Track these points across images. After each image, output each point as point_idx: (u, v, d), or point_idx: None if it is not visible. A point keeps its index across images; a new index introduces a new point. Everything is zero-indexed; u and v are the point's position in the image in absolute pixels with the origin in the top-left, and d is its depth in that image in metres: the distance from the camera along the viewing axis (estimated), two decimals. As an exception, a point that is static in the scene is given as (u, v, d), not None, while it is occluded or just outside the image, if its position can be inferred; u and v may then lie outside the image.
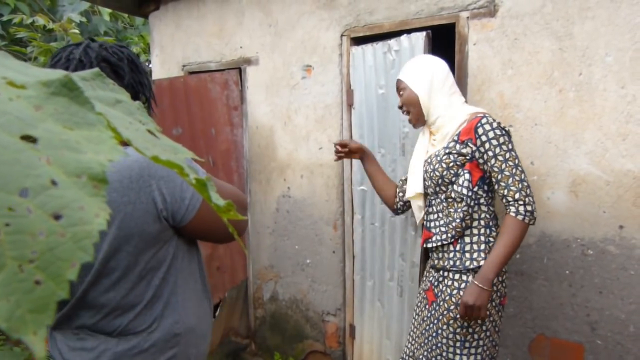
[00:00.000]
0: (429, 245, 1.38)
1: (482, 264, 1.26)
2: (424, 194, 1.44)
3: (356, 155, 1.60)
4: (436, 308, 1.34)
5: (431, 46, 1.73)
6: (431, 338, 1.35)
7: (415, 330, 1.44)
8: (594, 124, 1.47)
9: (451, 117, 1.32)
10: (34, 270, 0.21)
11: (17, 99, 0.26)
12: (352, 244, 2.10)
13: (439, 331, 1.32)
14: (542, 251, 1.60)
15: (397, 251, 1.93)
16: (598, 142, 1.47)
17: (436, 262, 1.38)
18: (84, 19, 4.17)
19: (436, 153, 1.35)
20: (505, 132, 1.25)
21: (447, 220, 1.32)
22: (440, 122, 1.34)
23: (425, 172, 1.39)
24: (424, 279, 1.46)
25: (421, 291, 1.45)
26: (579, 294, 1.54)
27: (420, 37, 1.72)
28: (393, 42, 1.81)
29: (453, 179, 1.30)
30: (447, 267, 1.33)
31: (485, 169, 1.27)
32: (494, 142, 1.23)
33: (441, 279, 1.35)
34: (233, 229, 0.33)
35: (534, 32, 1.54)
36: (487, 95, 1.65)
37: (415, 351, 1.42)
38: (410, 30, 1.78)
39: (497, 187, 1.25)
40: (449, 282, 1.32)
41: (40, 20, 3.84)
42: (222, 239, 0.86)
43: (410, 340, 1.46)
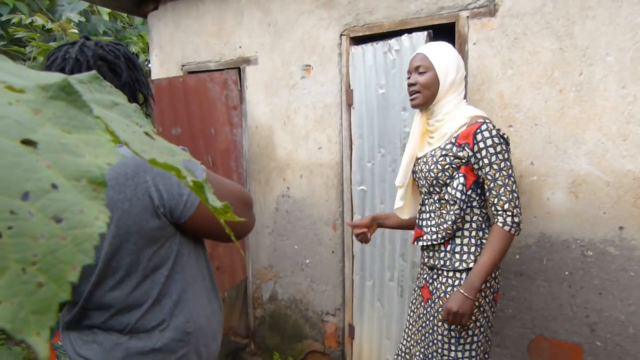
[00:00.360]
0: (420, 243, 1.40)
1: (471, 266, 1.28)
2: (405, 187, 1.46)
3: (373, 228, 1.55)
4: (431, 305, 1.35)
5: (431, 46, 1.73)
6: (427, 335, 1.36)
7: (411, 327, 1.45)
8: (594, 124, 1.47)
9: (453, 116, 1.32)
10: (36, 272, 0.21)
11: (16, 103, 0.26)
12: (351, 244, 2.10)
13: (435, 328, 1.33)
14: (541, 252, 1.60)
15: (398, 251, 1.93)
16: (598, 142, 1.47)
17: (426, 260, 1.40)
18: (82, 19, 4.16)
19: (432, 152, 1.34)
20: (504, 140, 1.26)
21: (439, 221, 1.33)
22: (443, 118, 1.33)
23: (420, 172, 1.39)
24: (418, 276, 1.47)
25: (416, 288, 1.46)
26: (579, 295, 1.54)
27: (421, 36, 1.72)
28: (394, 42, 1.81)
29: (447, 181, 1.30)
30: (438, 266, 1.35)
31: (480, 174, 1.27)
32: (491, 150, 1.23)
33: (435, 276, 1.36)
34: (230, 230, 0.33)
35: (534, 31, 1.54)
36: (487, 95, 1.65)
37: (412, 348, 1.43)
38: (410, 30, 1.78)
39: (488, 195, 1.27)
40: (444, 280, 1.33)
41: (39, 20, 3.83)
42: (226, 237, 0.86)
43: (406, 337, 1.47)
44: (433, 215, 1.36)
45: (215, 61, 2.44)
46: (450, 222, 1.29)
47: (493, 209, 1.26)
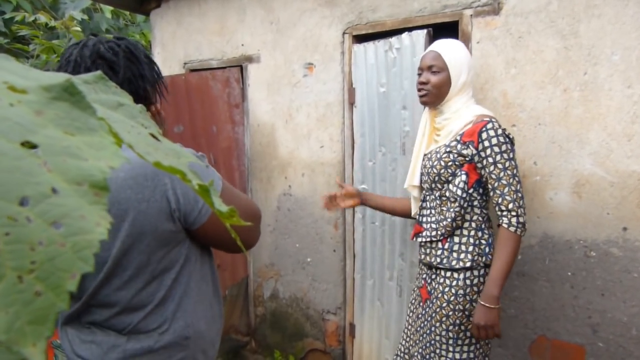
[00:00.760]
0: (419, 239, 1.39)
1: (468, 265, 1.28)
2: (419, 187, 1.44)
3: (354, 202, 1.59)
4: (430, 305, 1.35)
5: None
6: (425, 335, 1.35)
7: (409, 327, 1.44)
8: (598, 124, 1.46)
9: (460, 115, 1.31)
10: (33, 281, 0.21)
11: (17, 104, 0.25)
12: (352, 242, 2.10)
13: (433, 328, 1.32)
14: (544, 252, 1.59)
15: (397, 251, 1.92)
16: (603, 142, 1.46)
17: (423, 257, 1.39)
18: (85, 17, 4.16)
19: (437, 149, 1.34)
20: (509, 140, 1.25)
21: (439, 218, 1.33)
22: (451, 117, 1.32)
23: (424, 167, 1.39)
24: (417, 276, 1.47)
25: (415, 288, 1.46)
26: (581, 295, 1.53)
27: (421, 34, 1.71)
28: (394, 40, 1.80)
29: (450, 178, 1.30)
30: (434, 263, 1.34)
31: (483, 173, 1.27)
32: (496, 149, 1.23)
33: (434, 276, 1.36)
34: (236, 234, 0.33)
35: (538, 30, 1.53)
36: (490, 95, 1.64)
37: (411, 348, 1.43)
38: (412, 28, 1.77)
39: (492, 194, 1.26)
40: (441, 280, 1.32)
41: (42, 18, 3.83)
42: (234, 248, 0.85)
43: (405, 337, 1.46)
44: (433, 212, 1.36)
45: (217, 59, 2.44)
46: (449, 220, 1.29)
47: (497, 209, 1.25)
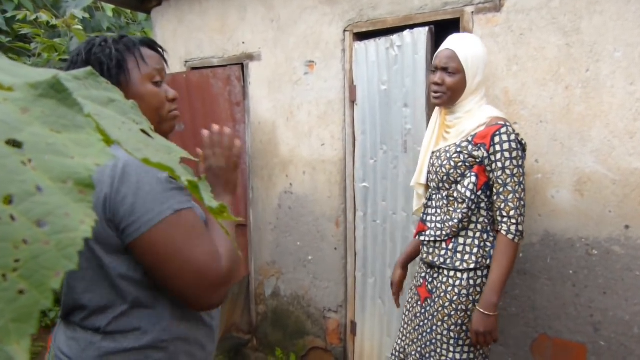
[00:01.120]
0: (422, 238, 1.38)
1: (472, 266, 1.27)
2: (425, 185, 1.43)
3: (405, 272, 1.55)
4: (431, 304, 1.34)
5: (434, 42, 1.71)
6: (425, 334, 1.35)
7: (406, 326, 1.44)
8: (600, 122, 1.45)
9: (472, 114, 1.29)
10: (17, 279, 0.21)
11: (3, 101, 0.25)
12: (354, 241, 2.09)
13: (434, 327, 1.32)
14: (545, 250, 1.58)
15: (399, 249, 1.92)
16: (605, 140, 1.44)
17: (425, 256, 1.38)
18: (87, 15, 4.16)
19: (446, 148, 1.32)
20: (521, 146, 1.24)
21: (445, 219, 1.31)
22: (463, 116, 1.31)
23: (431, 166, 1.37)
24: (416, 275, 1.46)
25: (413, 287, 1.45)
26: (583, 294, 1.53)
27: (422, 32, 1.70)
28: (395, 38, 1.79)
29: (459, 179, 1.28)
30: (437, 263, 1.33)
31: (491, 177, 1.26)
32: (507, 154, 1.22)
33: (436, 275, 1.35)
34: (236, 243, 0.33)
35: (540, 27, 1.52)
36: (492, 92, 1.63)
37: (407, 347, 1.42)
38: (413, 26, 1.76)
39: (495, 198, 1.25)
40: (444, 279, 1.31)
41: (44, 17, 3.84)
42: (181, 284, 0.71)
43: (401, 336, 1.46)
44: (439, 211, 1.34)
45: (218, 57, 2.43)
46: (456, 221, 1.28)
47: (498, 214, 1.25)
